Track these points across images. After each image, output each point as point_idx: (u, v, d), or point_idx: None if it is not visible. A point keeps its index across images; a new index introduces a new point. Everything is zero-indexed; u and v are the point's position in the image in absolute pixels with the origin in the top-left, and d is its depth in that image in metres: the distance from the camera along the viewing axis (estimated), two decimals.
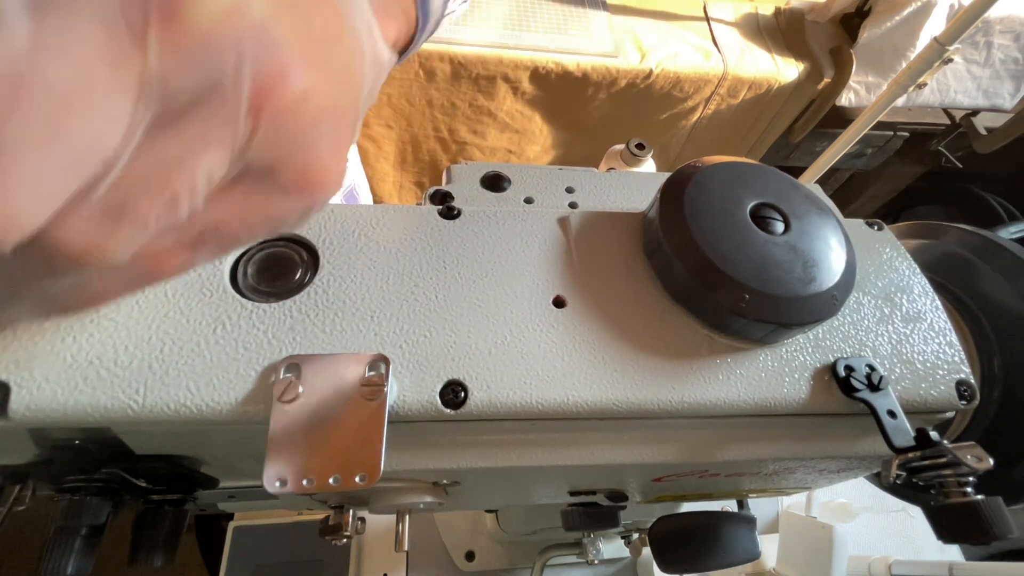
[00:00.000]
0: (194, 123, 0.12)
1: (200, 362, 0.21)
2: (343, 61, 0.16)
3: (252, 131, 0.13)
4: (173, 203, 0.13)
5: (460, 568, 0.60)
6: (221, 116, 0.13)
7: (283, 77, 0.13)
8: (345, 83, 0.16)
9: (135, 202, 0.13)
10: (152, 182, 0.13)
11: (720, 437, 0.25)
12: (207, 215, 0.15)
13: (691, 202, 0.25)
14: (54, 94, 0.10)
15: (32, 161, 0.10)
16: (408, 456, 0.23)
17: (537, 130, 1.15)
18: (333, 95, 0.15)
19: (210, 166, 0.13)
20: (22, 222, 0.11)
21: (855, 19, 1.12)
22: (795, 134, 1.20)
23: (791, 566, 0.54)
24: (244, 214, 0.16)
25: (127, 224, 0.13)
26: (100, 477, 0.23)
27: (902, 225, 0.41)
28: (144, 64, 0.11)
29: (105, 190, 0.12)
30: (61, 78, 0.10)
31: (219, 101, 0.12)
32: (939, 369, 0.26)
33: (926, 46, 0.88)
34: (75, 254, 0.13)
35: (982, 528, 0.22)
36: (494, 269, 0.26)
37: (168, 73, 0.11)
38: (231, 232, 0.16)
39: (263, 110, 0.13)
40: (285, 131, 0.14)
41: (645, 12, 1.12)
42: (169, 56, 0.11)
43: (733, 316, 0.24)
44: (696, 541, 0.37)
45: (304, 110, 0.14)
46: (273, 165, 0.15)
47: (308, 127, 0.14)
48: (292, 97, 0.14)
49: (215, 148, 0.13)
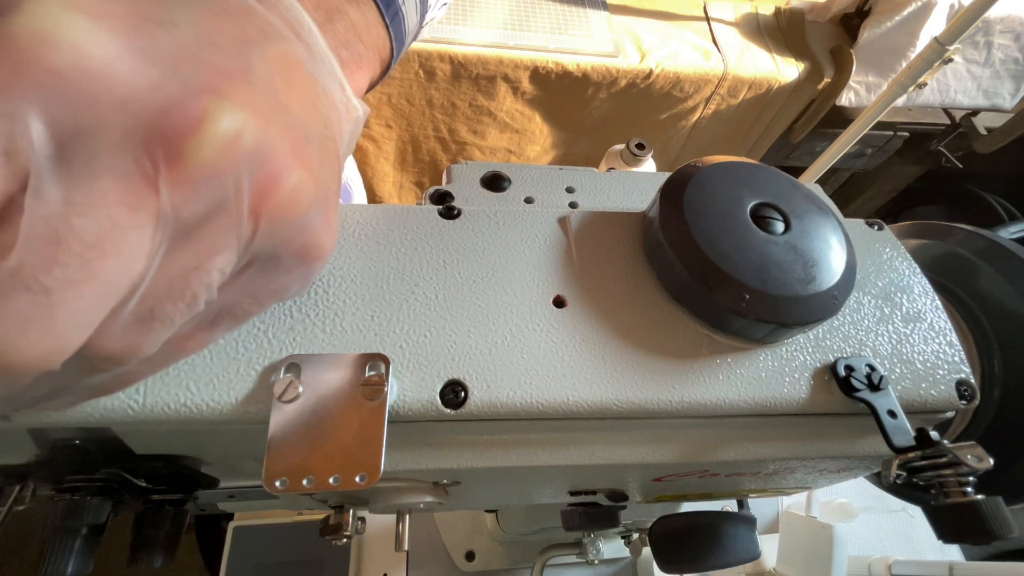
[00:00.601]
0: (205, 234, 0.14)
1: (200, 362, 0.21)
2: (322, 134, 0.18)
3: (254, 230, 0.15)
4: (193, 301, 0.15)
5: (460, 568, 0.60)
6: (227, 225, 0.15)
7: (276, 180, 0.15)
8: (327, 154, 0.18)
9: (161, 307, 0.15)
10: (174, 288, 0.15)
11: (720, 437, 0.25)
12: (221, 300, 0.17)
13: (691, 202, 0.25)
14: (86, 244, 0.12)
15: (72, 300, 0.13)
16: (408, 456, 0.23)
17: (537, 130, 1.15)
18: (319, 174, 0.17)
19: (221, 265, 0.15)
20: (67, 347, 0.13)
21: (855, 19, 1.12)
22: (795, 134, 1.20)
23: (791, 566, 0.54)
24: (253, 293, 0.18)
25: (156, 325, 0.15)
26: (100, 477, 0.23)
27: (903, 225, 0.41)
28: (158, 202, 0.13)
29: (135, 303, 0.14)
30: (90, 229, 0.13)
31: (224, 213, 0.14)
32: (939, 369, 0.26)
33: (926, 46, 0.88)
34: (114, 357, 0.15)
35: (982, 528, 0.22)
36: (494, 269, 0.26)
37: (179, 205, 0.13)
38: (243, 309, 0.18)
39: (262, 211, 0.15)
40: (283, 222, 0.16)
41: (645, 12, 1.12)
42: (178, 192, 0.13)
43: (733, 316, 0.24)
44: (696, 541, 0.37)
45: (297, 200, 0.16)
46: (275, 251, 0.17)
47: (302, 213, 0.16)
48: (286, 194, 0.15)
49: (225, 251, 0.15)
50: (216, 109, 0.14)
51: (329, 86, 0.19)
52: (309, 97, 0.18)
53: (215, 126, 0.13)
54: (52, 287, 0.12)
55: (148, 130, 0.13)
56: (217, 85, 0.14)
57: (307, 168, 0.16)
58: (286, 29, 0.18)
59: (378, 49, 0.25)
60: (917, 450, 0.23)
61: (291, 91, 0.17)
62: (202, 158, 0.13)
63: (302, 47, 0.18)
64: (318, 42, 0.19)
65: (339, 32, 0.22)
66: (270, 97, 0.15)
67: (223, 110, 0.14)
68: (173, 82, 0.13)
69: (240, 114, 0.14)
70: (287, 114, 0.16)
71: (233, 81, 0.14)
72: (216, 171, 0.14)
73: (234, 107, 0.14)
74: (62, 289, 0.12)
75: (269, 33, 0.17)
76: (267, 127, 0.15)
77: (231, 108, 0.14)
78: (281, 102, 0.16)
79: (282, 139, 0.15)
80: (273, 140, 0.15)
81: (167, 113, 0.13)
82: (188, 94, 0.13)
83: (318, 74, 0.19)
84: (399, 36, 0.26)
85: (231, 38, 0.15)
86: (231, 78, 0.14)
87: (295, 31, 0.18)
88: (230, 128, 0.14)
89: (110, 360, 0.15)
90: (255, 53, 0.16)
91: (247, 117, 0.14)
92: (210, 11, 0.15)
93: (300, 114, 0.17)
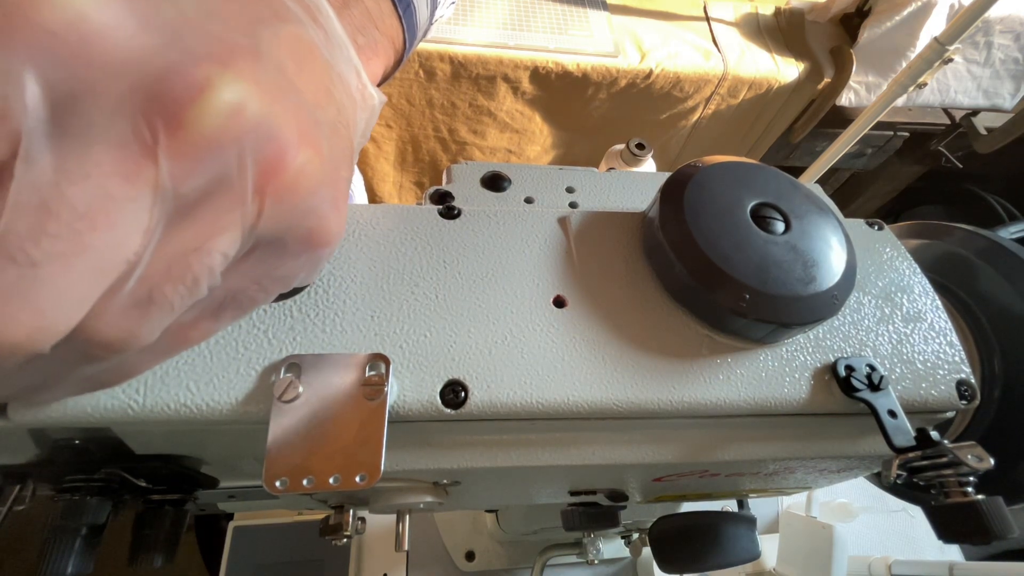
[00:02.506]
0: (207, 212, 0.14)
1: (200, 361, 0.21)
2: (334, 119, 0.17)
3: (259, 211, 0.14)
4: (195, 285, 0.14)
5: (460, 568, 0.60)
6: (230, 203, 0.14)
7: (282, 159, 0.14)
8: (338, 140, 0.17)
9: (160, 290, 0.14)
10: (174, 270, 0.14)
11: (720, 437, 0.25)
12: (225, 286, 0.16)
13: (691, 202, 0.25)
14: (78, 214, 0.12)
15: (61, 275, 0.12)
16: (408, 456, 0.23)
17: (537, 130, 1.15)
18: (328, 158, 0.16)
19: (224, 247, 0.14)
20: (55, 328, 0.12)
21: (855, 19, 1.12)
22: (795, 134, 1.20)
23: (791, 566, 0.54)
24: (259, 280, 0.17)
25: (155, 310, 0.14)
26: (100, 477, 0.23)
27: (902, 225, 0.41)
28: (156, 173, 0.12)
29: (132, 284, 0.13)
30: (82, 199, 0.12)
31: (227, 191, 0.14)
32: (939, 369, 0.26)
33: (926, 46, 0.88)
34: (109, 343, 0.14)
35: (982, 528, 0.22)
36: (494, 269, 0.26)
37: (178, 178, 0.13)
38: (249, 297, 0.17)
39: (267, 192, 0.14)
40: (289, 205, 0.15)
41: (645, 12, 1.12)
42: (178, 163, 0.13)
43: (733, 316, 0.24)
44: (696, 541, 0.37)
45: (303, 182, 0.15)
46: (281, 235, 0.16)
47: (309, 196, 0.16)
48: (291, 175, 0.15)
49: (227, 231, 0.14)
50: (218, 78, 0.13)
51: (345, 72, 0.19)
52: (323, 82, 0.17)
53: (217, 95, 0.13)
54: (39, 259, 0.11)
55: (146, 97, 0.12)
56: (220, 55, 0.13)
57: (315, 149, 0.15)
58: (303, 13, 0.17)
59: (392, 38, 0.24)
60: (917, 450, 0.23)
61: (302, 74, 0.16)
62: (203, 127, 0.13)
63: (319, 32, 0.18)
64: (335, 27, 0.19)
65: (355, 18, 0.21)
66: (278, 75, 0.15)
67: (225, 80, 0.13)
68: (174, 48, 0.13)
69: (243, 85, 0.13)
70: (296, 94, 0.15)
71: (237, 53, 0.14)
72: (218, 143, 0.13)
73: (237, 78, 0.13)
74: (49, 262, 0.12)
75: (283, 15, 0.16)
76: (272, 103, 0.14)
77: (234, 79, 0.13)
78: (290, 81, 0.15)
79: (288, 118, 0.15)
80: (278, 117, 0.14)
81: (167, 79, 0.12)
82: (189, 61, 0.13)
83: (334, 60, 0.18)
84: (411, 28, 0.25)
85: (240, 16, 0.15)
86: (235, 51, 0.14)
87: (312, 16, 0.18)
88: (232, 99, 0.13)
89: (105, 347, 0.14)
90: (266, 32, 0.15)
91: (251, 90, 0.14)
92: None
93: (311, 97, 0.16)
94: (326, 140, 0.16)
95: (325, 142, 0.16)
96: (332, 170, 0.16)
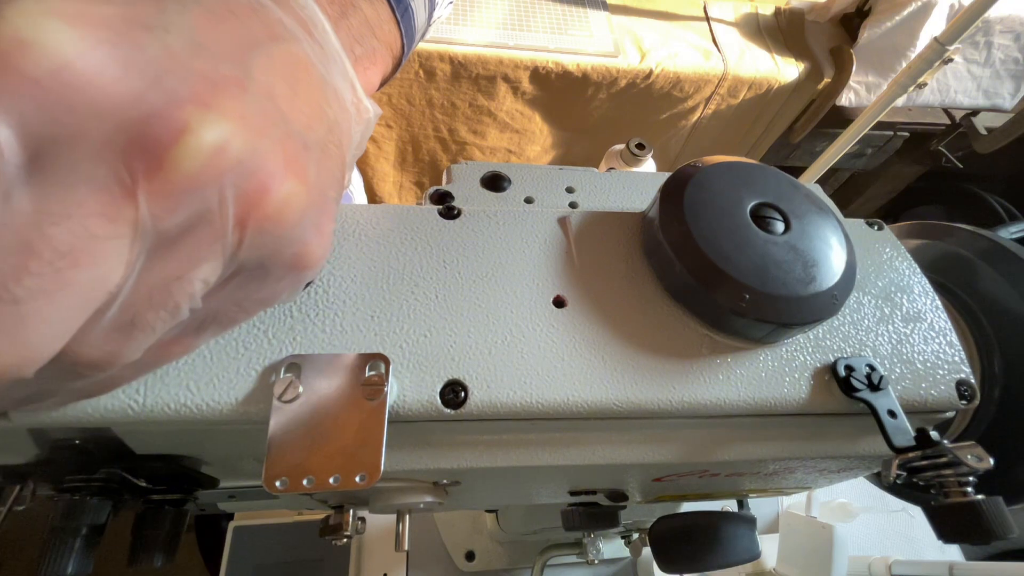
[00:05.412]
0: (188, 244, 0.14)
1: (200, 361, 0.21)
2: (324, 139, 0.18)
3: (239, 242, 0.15)
4: (175, 310, 0.15)
5: (460, 568, 0.60)
6: (211, 236, 0.14)
7: (265, 192, 0.15)
8: (327, 160, 0.18)
9: (142, 316, 0.15)
10: (155, 297, 0.14)
11: (720, 437, 0.25)
12: (206, 307, 0.16)
13: (691, 202, 0.25)
14: (59, 253, 0.12)
15: (43, 310, 0.12)
16: (408, 456, 0.23)
17: (537, 130, 1.15)
18: (315, 183, 0.17)
19: (204, 276, 0.15)
20: (38, 357, 0.13)
21: (855, 19, 1.12)
22: (795, 134, 1.20)
23: (791, 566, 0.54)
24: (239, 302, 0.18)
25: (137, 333, 0.15)
26: (100, 477, 0.23)
27: (902, 225, 0.41)
28: (136, 213, 0.13)
29: (115, 311, 0.14)
30: (64, 239, 0.12)
31: (208, 224, 0.14)
32: (939, 369, 0.26)
33: (926, 46, 0.88)
34: (94, 363, 0.15)
35: (982, 528, 0.22)
36: (494, 269, 0.26)
37: (158, 217, 0.13)
38: (229, 317, 0.18)
39: (248, 224, 0.15)
40: (271, 235, 0.16)
41: (645, 12, 1.11)
42: (157, 203, 0.13)
43: (733, 316, 0.24)
44: (696, 541, 0.37)
45: (287, 212, 0.15)
46: (263, 261, 0.16)
47: (292, 225, 0.16)
48: (274, 206, 0.15)
49: (208, 261, 0.15)
50: (198, 120, 0.13)
51: (340, 87, 0.19)
52: (315, 100, 0.17)
53: (196, 138, 0.13)
54: (21, 296, 0.12)
55: (128, 140, 0.13)
56: (202, 95, 0.14)
57: (300, 178, 0.16)
58: (298, 28, 0.17)
59: (390, 45, 0.24)
60: (917, 450, 0.23)
61: (294, 96, 0.16)
62: (182, 169, 0.13)
63: (314, 46, 0.18)
64: (331, 41, 0.19)
65: (353, 27, 0.22)
66: (267, 105, 0.15)
67: (206, 122, 0.13)
68: (157, 91, 0.13)
69: (226, 125, 0.14)
70: (284, 122, 0.16)
71: (222, 90, 0.14)
72: (197, 183, 0.13)
73: (219, 118, 0.14)
74: (32, 298, 0.12)
75: (278, 33, 0.17)
76: (257, 137, 0.15)
77: (215, 119, 0.14)
78: (279, 109, 0.16)
79: (274, 149, 0.15)
80: (263, 150, 0.15)
81: (147, 123, 0.13)
82: (170, 104, 0.13)
83: (329, 74, 0.19)
84: (409, 32, 0.25)
85: (231, 42, 0.15)
86: (220, 87, 0.14)
87: (308, 30, 0.18)
88: (213, 140, 0.14)
89: (90, 366, 0.15)
90: (257, 57, 0.15)
91: (234, 128, 0.14)
92: (212, 13, 0.15)
93: (301, 120, 0.16)
94: (314, 164, 0.17)
95: (313, 167, 0.17)
96: (318, 195, 0.17)
